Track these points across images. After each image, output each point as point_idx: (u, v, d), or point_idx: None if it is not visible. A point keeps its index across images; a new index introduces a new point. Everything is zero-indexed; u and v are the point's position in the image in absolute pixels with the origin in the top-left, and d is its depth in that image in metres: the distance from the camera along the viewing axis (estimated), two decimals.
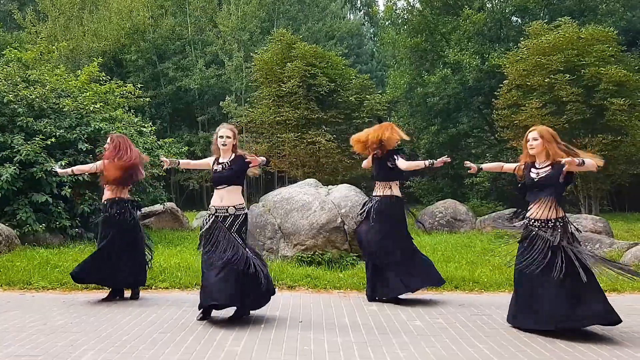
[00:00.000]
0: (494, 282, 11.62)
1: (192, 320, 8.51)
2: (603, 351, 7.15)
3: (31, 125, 16.54)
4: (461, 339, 7.64)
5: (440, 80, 32.91)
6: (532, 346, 7.34)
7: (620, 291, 11.15)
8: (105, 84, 21.03)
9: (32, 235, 15.37)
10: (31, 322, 8.40)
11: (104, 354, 6.82)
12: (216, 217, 8.64)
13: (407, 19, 37.12)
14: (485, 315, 9.04)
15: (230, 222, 8.55)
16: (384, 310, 9.34)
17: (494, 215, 21.05)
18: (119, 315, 8.87)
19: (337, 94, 29.59)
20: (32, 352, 6.93)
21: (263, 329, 8.09)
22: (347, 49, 47.49)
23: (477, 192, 32.59)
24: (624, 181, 27.21)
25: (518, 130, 26.11)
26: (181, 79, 41.56)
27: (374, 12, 56.08)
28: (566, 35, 25.58)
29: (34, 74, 19.19)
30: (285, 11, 47.16)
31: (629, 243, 15.09)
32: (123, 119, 19.23)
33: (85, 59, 37.45)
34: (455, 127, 35.36)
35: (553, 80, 24.73)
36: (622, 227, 20.69)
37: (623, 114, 24.22)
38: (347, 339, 7.59)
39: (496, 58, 30.22)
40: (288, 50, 30.20)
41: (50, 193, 15.87)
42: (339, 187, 14.79)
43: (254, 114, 30.75)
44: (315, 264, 12.72)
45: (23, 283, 11.35)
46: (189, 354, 6.89)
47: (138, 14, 43.26)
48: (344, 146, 28.50)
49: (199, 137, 41.68)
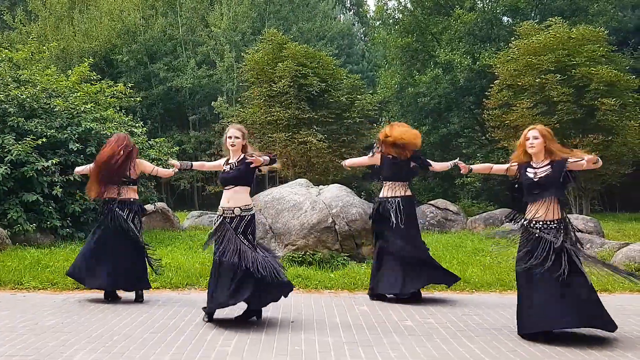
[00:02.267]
0: (485, 282, 11.64)
1: (183, 321, 8.51)
2: (594, 350, 7.17)
3: (22, 125, 16.48)
4: (452, 339, 7.65)
5: (431, 80, 32.97)
6: (523, 346, 7.35)
7: (611, 291, 11.19)
8: (96, 83, 20.98)
9: (22, 235, 15.31)
10: (22, 322, 8.39)
11: (95, 354, 6.82)
12: (224, 219, 8.62)
13: (398, 18, 37.23)
14: (476, 315, 9.05)
15: (236, 223, 8.51)
16: (375, 310, 9.35)
17: (485, 216, 21.12)
18: (110, 315, 8.87)
19: (328, 94, 29.59)
20: (23, 352, 6.92)
21: (254, 329, 8.09)
22: (338, 49, 47.49)
23: (468, 192, 32.70)
24: (614, 181, 27.24)
25: (509, 130, 26.18)
26: (172, 79, 41.49)
27: (364, 12, 56.13)
28: (557, 35, 25.64)
29: (25, 74, 19.13)
30: (276, 11, 47.09)
31: (619, 243, 15.14)
32: (114, 119, 19.17)
33: (76, 59, 37.35)
34: (446, 127, 35.45)
35: (544, 80, 24.78)
36: (613, 227, 20.74)
37: (614, 114, 24.27)
38: (338, 339, 7.60)
39: (487, 58, 30.29)
40: (279, 51, 30.19)
41: (41, 193, 15.82)
42: (329, 187, 14.79)
43: (245, 114, 30.73)
44: (306, 264, 12.72)
45: (14, 283, 11.32)
46: (180, 354, 6.89)
47: (129, 15, 43.16)
48: (335, 146, 28.59)
49: (190, 136, 41.68)
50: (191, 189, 42.48)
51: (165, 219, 20.66)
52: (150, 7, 45.53)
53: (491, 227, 19.73)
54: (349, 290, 11.02)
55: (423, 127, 35.34)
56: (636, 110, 26.04)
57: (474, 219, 21.28)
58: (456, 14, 32.89)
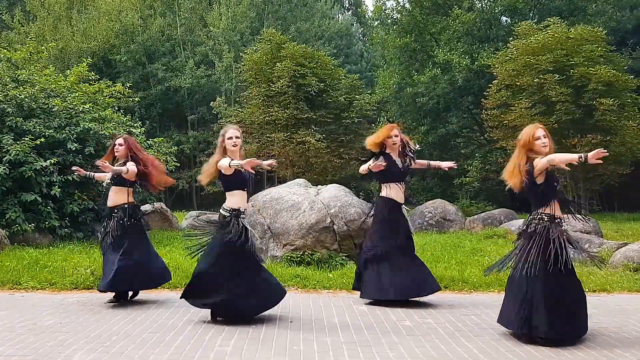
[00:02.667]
0: (483, 282, 11.61)
1: (181, 320, 8.52)
2: (592, 350, 7.17)
3: (20, 125, 16.48)
4: (450, 339, 7.66)
5: (429, 80, 32.96)
6: (521, 346, 7.35)
7: (609, 291, 11.19)
8: (95, 83, 20.97)
9: (21, 235, 15.32)
10: (21, 322, 8.40)
11: (93, 354, 6.82)
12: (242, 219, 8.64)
13: (396, 18, 37.22)
14: (475, 315, 9.05)
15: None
16: (373, 310, 9.35)
17: (483, 215, 21.11)
18: (108, 315, 8.88)
19: (327, 94, 29.59)
20: (21, 352, 6.94)
21: (252, 328, 8.09)
22: (336, 49, 47.46)
23: (466, 192, 32.67)
24: (613, 181, 27.27)
25: (507, 130, 26.18)
26: (171, 79, 41.46)
27: (362, 12, 56.10)
28: (555, 35, 25.64)
29: (24, 74, 19.13)
30: (275, 11, 47.08)
31: (618, 243, 15.12)
32: (112, 119, 19.18)
33: (75, 59, 37.32)
34: (444, 127, 35.46)
35: (542, 80, 24.78)
36: (612, 227, 20.74)
37: (612, 114, 24.28)
38: (336, 339, 7.61)
39: (485, 58, 30.29)
40: (277, 50, 30.20)
41: (40, 193, 15.82)
42: (328, 187, 14.76)
43: (244, 114, 30.73)
44: (304, 264, 12.71)
45: (12, 283, 11.34)
46: (178, 353, 6.90)
47: (127, 15, 43.15)
48: (334, 146, 28.59)
49: (189, 136, 41.73)
50: (190, 189, 42.46)
51: (164, 219, 20.62)
52: (148, 7, 45.52)
53: (489, 227, 19.71)
54: (347, 290, 11.01)
55: (421, 127, 35.41)
56: (635, 110, 26.07)
57: (472, 219, 21.25)
58: (455, 14, 32.91)
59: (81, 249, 14.73)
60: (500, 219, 20.35)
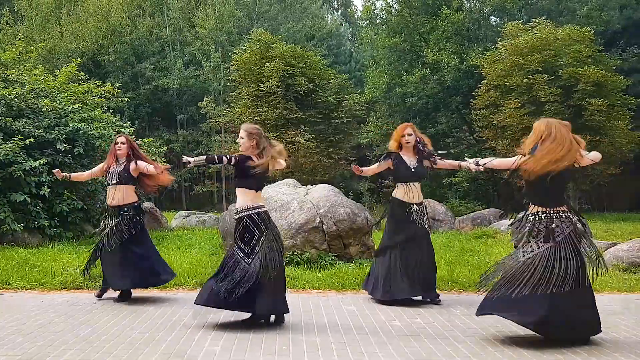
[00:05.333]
0: (473, 282, 11.58)
1: (171, 320, 8.50)
2: (582, 351, 7.17)
3: (10, 125, 16.46)
4: (440, 339, 7.66)
5: (418, 80, 32.98)
6: (511, 346, 7.36)
7: (599, 291, 11.17)
8: (84, 83, 20.93)
9: (10, 234, 15.31)
10: (10, 322, 8.37)
11: (83, 354, 6.82)
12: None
13: (385, 19, 37.21)
14: (464, 315, 9.05)
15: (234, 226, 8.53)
16: (363, 310, 9.35)
17: (472, 215, 21.16)
18: (97, 315, 8.85)
19: (316, 94, 29.65)
20: (10, 352, 6.92)
21: (242, 329, 8.07)
22: (326, 50, 47.45)
23: (455, 192, 32.71)
24: (602, 181, 27.35)
25: (496, 130, 26.26)
26: (159, 79, 41.41)
27: (351, 12, 56.14)
28: (543, 35, 25.71)
29: (13, 74, 19.09)
30: (265, 12, 47.08)
31: (607, 243, 15.15)
32: (102, 119, 19.15)
33: (64, 59, 37.25)
34: (434, 127, 35.48)
35: (531, 80, 24.88)
36: (601, 227, 20.77)
37: (601, 114, 24.39)
38: (325, 339, 7.61)
39: (474, 58, 30.31)
40: (267, 50, 30.25)
41: (29, 193, 15.79)
42: (317, 187, 14.77)
43: (233, 114, 30.77)
44: (293, 264, 12.68)
45: (1, 283, 11.28)
46: (168, 353, 6.89)
47: (115, 15, 43.10)
48: (323, 146, 28.61)
49: (178, 135, 41.81)
50: (179, 189, 42.43)
51: (153, 219, 20.60)
52: (137, 7, 45.48)
53: (479, 227, 19.76)
54: (336, 290, 11.01)
55: None
56: (624, 110, 26.17)
57: (461, 219, 21.32)
58: (443, 14, 32.94)
59: (70, 249, 14.70)
60: (490, 219, 20.41)
